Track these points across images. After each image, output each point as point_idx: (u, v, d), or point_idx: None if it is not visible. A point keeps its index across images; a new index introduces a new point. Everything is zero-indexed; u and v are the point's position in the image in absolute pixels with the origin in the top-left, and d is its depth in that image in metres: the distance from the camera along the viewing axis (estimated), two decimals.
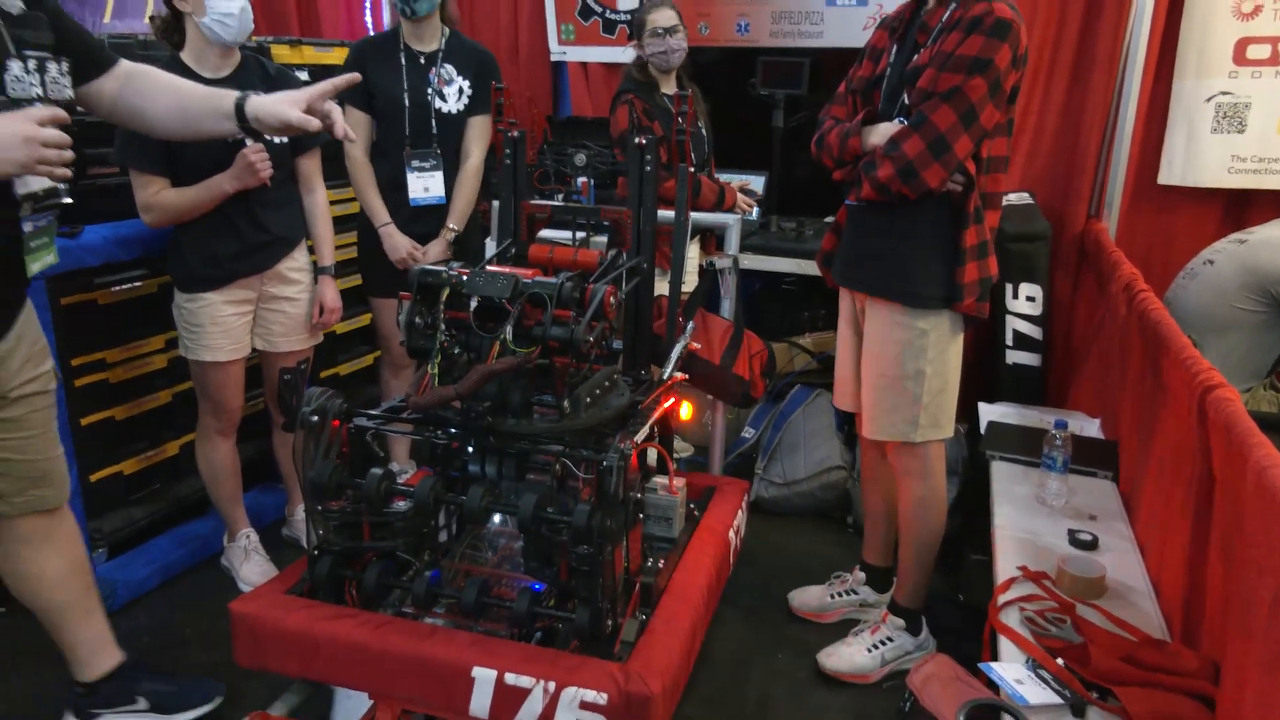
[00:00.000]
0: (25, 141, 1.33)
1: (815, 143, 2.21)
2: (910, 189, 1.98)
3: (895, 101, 2.07)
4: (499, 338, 1.75)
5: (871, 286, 2.17)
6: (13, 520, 1.80)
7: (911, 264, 2.08)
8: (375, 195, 2.72)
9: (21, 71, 1.42)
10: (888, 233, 2.11)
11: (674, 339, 2.31)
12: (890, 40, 2.14)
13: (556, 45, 4.03)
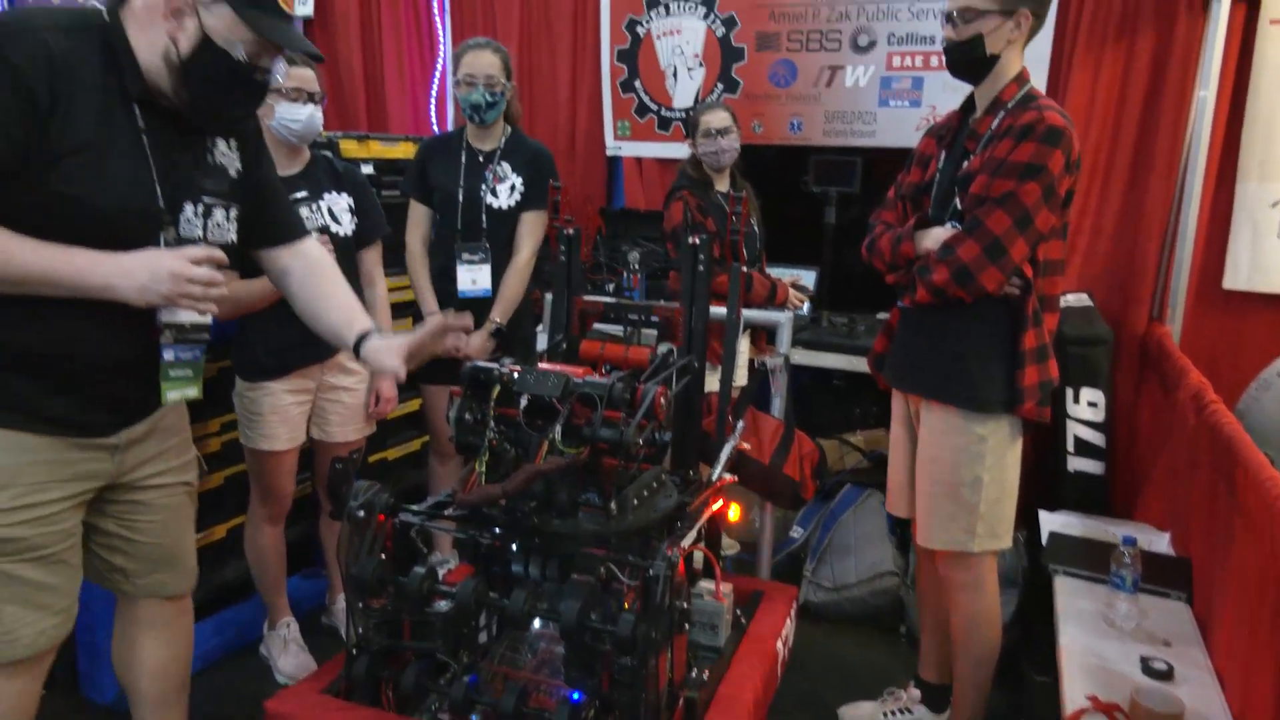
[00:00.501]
0: (172, 276, 1.42)
1: (866, 247, 2.22)
2: (967, 292, 1.97)
3: (946, 206, 2.08)
4: (548, 437, 1.74)
5: (927, 389, 2.13)
6: (134, 601, 1.80)
7: (969, 367, 2.04)
8: (426, 284, 2.79)
9: (192, 214, 1.53)
10: (944, 335, 2.08)
11: (724, 438, 2.27)
12: (938, 147, 2.16)
13: (612, 141, 4.14)
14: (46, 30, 1.36)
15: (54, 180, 1.36)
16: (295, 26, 1.54)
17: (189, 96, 1.46)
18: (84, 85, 1.38)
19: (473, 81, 2.66)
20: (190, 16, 1.42)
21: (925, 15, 3.49)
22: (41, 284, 1.38)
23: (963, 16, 1.98)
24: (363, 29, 4.49)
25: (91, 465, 1.59)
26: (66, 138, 1.36)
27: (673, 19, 3.88)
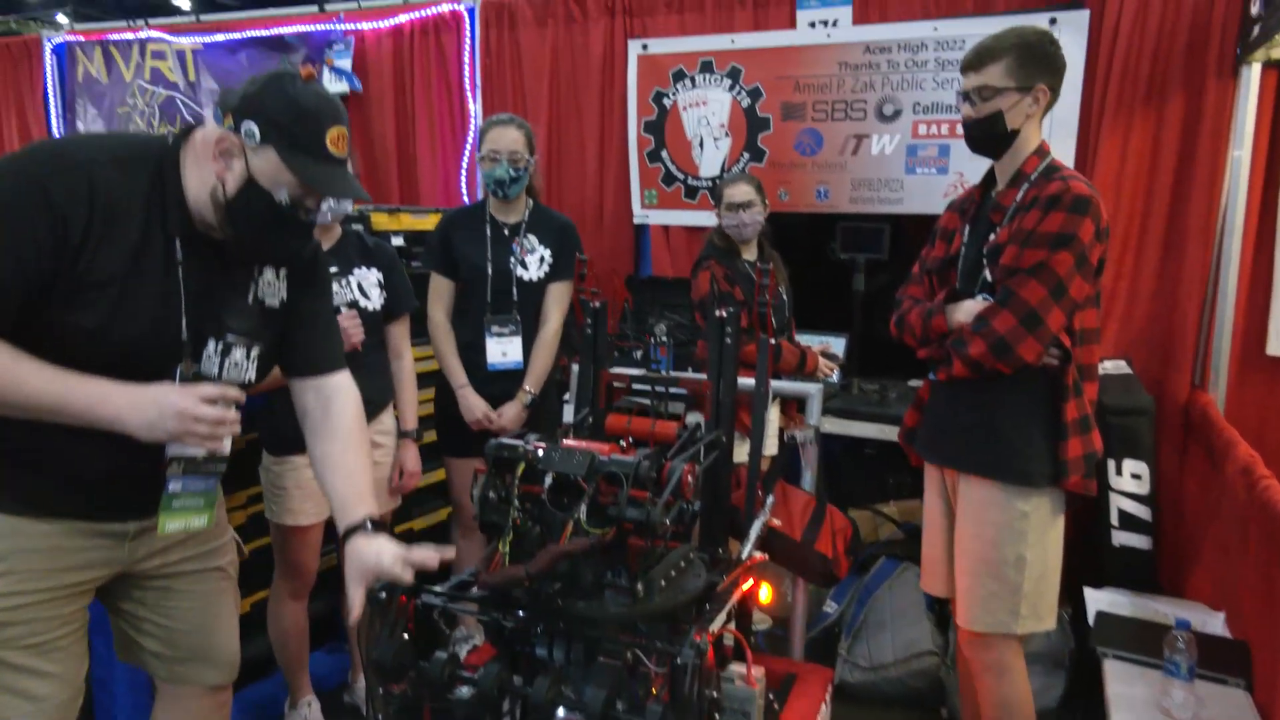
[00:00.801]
0: (179, 415, 1.39)
1: (895, 323, 2.21)
2: (1005, 364, 1.94)
3: (975, 279, 2.07)
4: (573, 517, 1.70)
5: (964, 462, 2.08)
6: (172, 687, 1.74)
7: (1009, 440, 1.99)
8: (454, 357, 2.78)
9: (212, 350, 1.51)
10: (981, 407, 2.04)
11: (753, 514, 2.22)
12: (961, 221, 2.16)
13: (639, 209, 4.18)
14: (96, 164, 1.37)
15: (73, 311, 1.36)
16: (343, 170, 1.50)
17: (233, 234, 1.48)
18: (123, 220, 1.39)
19: (496, 157, 2.70)
20: (238, 158, 1.43)
21: (949, 85, 3.51)
22: (51, 413, 1.37)
23: (981, 95, 1.99)
24: (397, 104, 4.61)
25: (98, 553, 1.55)
26: (93, 272, 1.36)
27: (699, 91, 3.94)
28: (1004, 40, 1.98)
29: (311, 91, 1.44)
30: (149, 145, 1.47)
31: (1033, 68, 1.97)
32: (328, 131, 1.44)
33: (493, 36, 4.34)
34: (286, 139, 1.41)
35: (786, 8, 3.81)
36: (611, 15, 4.08)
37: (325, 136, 1.44)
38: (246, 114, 1.41)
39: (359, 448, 1.71)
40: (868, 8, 3.68)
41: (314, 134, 1.43)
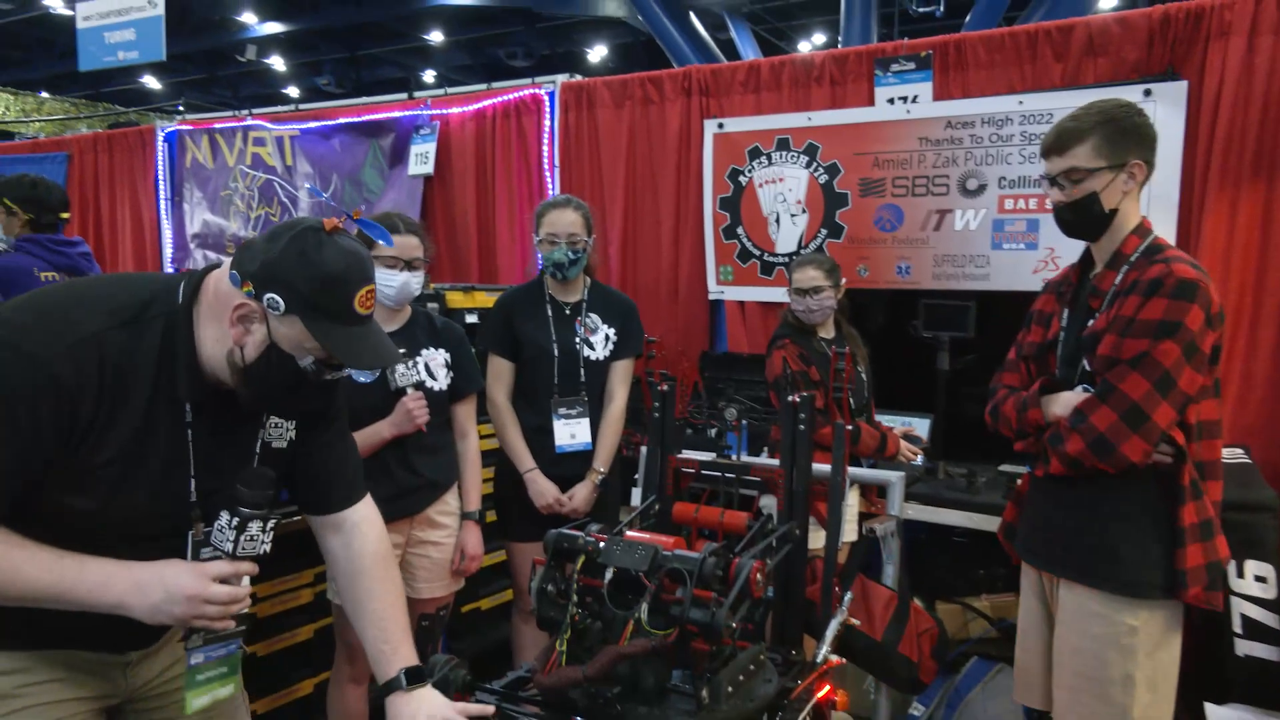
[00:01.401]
0: (189, 600, 1.31)
1: (990, 413, 2.08)
2: (1107, 464, 1.78)
3: (1074, 367, 1.92)
4: (634, 616, 1.61)
5: (1067, 568, 1.90)
6: None
7: (1118, 545, 1.82)
8: (519, 439, 2.74)
9: (225, 523, 1.39)
10: (1085, 507, 1.88)
11: (830, 612, 2.08)
12: (1059, 304, 2.03)
13: (715, 285, 4.14)
14: (106, 332, 1.29)
15: (71, 494, 1.29)
16: (371, 327, 1.41)
17: (249, 395, 1.38)
18: (131, 388, 1.31)
19: (555, 240, 2.69)
20: (259, 324, 1.34)
21: (1037, 159, 3.37)
22: (51, 602, 1.29)
23: (1070, 178, 1.88)
24: (478, 184, 4.73)
25: (99, 680, 1.47)
26: (101, 448, 1.29)
27: (775, 168, 3.91)
28: (1086, 119, 1.87)
29: (338, 251, 1.33)
30: (157, 300, 1.37)
31: (1123, 142, 1.85)
32: (356, 295, 1.35)
33: (571, 118, 4.43)
34: (312, 308, 1.32)
35: (865, 85, 3.78)
36: (688, 96, 4.12)
37: (354, 301, 1.35)
38: (269, 284, 1.31)
39: (386, 587, 1.61)
40: (948, 83, 3.62)
41: (342, 300, 1.34)
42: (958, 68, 3.61)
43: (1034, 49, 3.48)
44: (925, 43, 3.67)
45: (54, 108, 10.03)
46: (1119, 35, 3.31)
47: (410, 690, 1.51)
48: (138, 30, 6.76)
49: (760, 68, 4.01)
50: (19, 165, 6.66)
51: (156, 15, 6.54)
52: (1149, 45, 3.25)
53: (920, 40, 3.71)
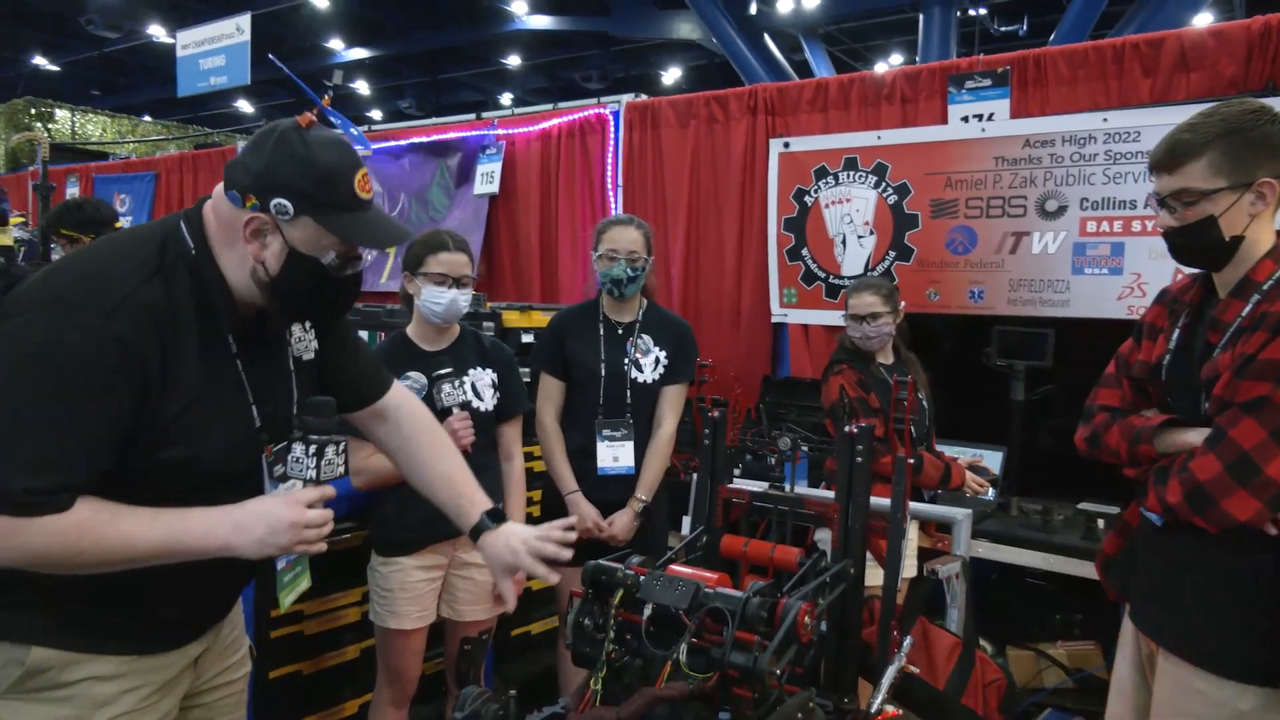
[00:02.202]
0: (291, 528, 1.38)
1: (1087, 439, 1.83)
2: (1207, 520, 1.54)
3: (1185, 397, 1.68)
4: (672, 657, 1.52)
5: (1169, 638, 1.67)
6: None
7: (1227, 618, 1.58)
8: (564, 462, 2.69)
9: (302, 454, 1.47)
10: (1195, 566, 1.63)
11: (887, 657, 1.95)
12: (1170, 323, 1.75)
13: (778, 308, 4.03)
14: (142, 288, 1.30)
15: (162, 445, 1.33)
16: (376, 212, 1.45)
17: (281, 307, 1.43)
18: (186, 337, 1.35)
19: (615, 256, 2.64)
20: (272, 234, 1.36)
21: (1123, 179, 3.20)
22: (161, 558, 1.33)
23: (1181, 200, 1.62)
24: (542, 204, 4.74)
25: (179, 684, 1.52)
26: (177, 398, 1.32)
27: (842, 188, 3.80)
28: (1205, 129, 1.59)
29: (323, 144, 1.36)
30: (168, 245, 1.37)
31: (1249, 157, 1.56)
32: (354, 181, 1.38)
33: (635, 137, 4.40)
34: (318, 203, 1.35)
35: (937, 102, 3.65)
36: (753, 115, 4.05)
37: (354, 187, 1.38)
38: (271, 192, 1.33)
39: (443, 450, 1.72)
40: (1027, 100, 3.47)
41: (343, 189, 1.37)
42: (1037, 84, 3.46)
43: (1120, 64, 3.30)
44: (1002, 58, 3.53)
45: (147, 129, 10.54)
46: (1214, 49, 3.12)
47: (497, 528, 1.65)
48: (227, 56, 7.05)
49: (828, 86, 3.91)
50: (113, 184, 6.99)
51: (243, 41, 6.81)
52: (1247, 59, 3.05)
53: (997, 56, 3.57)
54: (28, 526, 1.21)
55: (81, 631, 1.37)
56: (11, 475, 1.20)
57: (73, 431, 1.23)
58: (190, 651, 1.52)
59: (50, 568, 1.28)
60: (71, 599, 1.35)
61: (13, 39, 15.90)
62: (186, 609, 1.49)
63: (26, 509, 1.20)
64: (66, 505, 1.23)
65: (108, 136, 9.89)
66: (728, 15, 11.23)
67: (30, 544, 1.23)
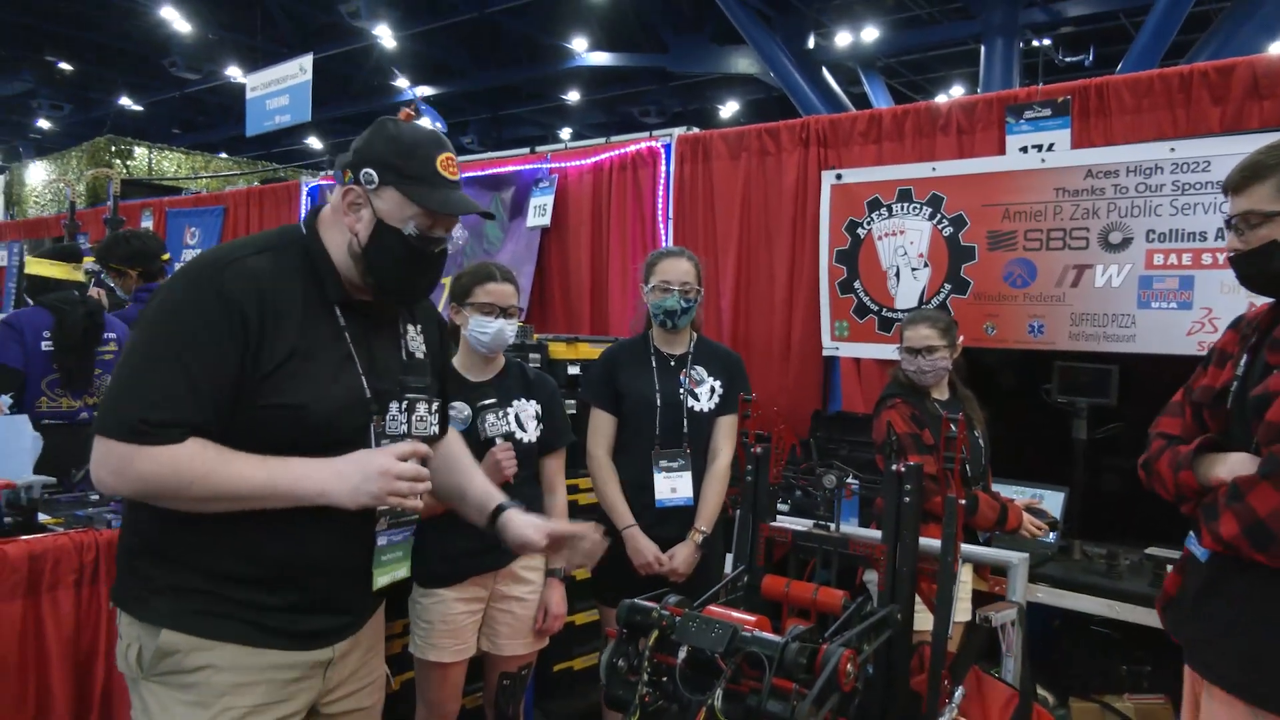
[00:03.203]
0: (381, 475, 1.44)
1: (1143, 465, 1.79)
2: (1269, 556, 1.50)
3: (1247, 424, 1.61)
4: (707, 702, 1.47)
5: (1211, 671, 1.63)
6: None
7: (1275, 652, 1.53)
8: (619, 495, 2.64)
9: (397, 411, 1.58)
10: (1244, 602, 1.59)
11: (937, 709, 1.86)
12: (1241, 347, 1.71)
13: (829, 341, 3.96)
14: (251, 257, 1.49)
15: (268, 393, 1.43)
16: (458, 191, 1.57)
17: (374, 280, 1.53)
18: (289, 300, 1.48)
19: (669, 288, 2.62)
20: (365, 206, 1.51)
21: (1191, 210, 3.08)
22: (262, 499, 1.42)
23: (1247, 222, 1.62)
24: (593, 236, 4.76)
25: (301, 688, 1.54)
26: (277, 351, 1.44)
27: (895, 220, 3.73)
28: (1275, 152, 1.61)
29: (414, 128, 1.54)
30: (286, 233, 1.58)
31: None
32: (437, 158, 1.52)
33: (686, 170, 4.40)
34: (401, 174, 1.49)
35: (995, 133, 3.57)
36: (805, 147, 4.02)
37: (435, 163, 1.51)
38: (361, 164, 1.50)
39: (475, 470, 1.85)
40: (1089, 130, 3.37)
41: (424, 162, 1.51)
42: (1099, 114, 3.36)
43: (1188, 92, 3.19)
44: (1062, 87, 3.44)
45: (218, 165, 10.97)
46: None
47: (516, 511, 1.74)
48: (290, 95, 7.31)
49: (882, 117, 3.87)
50: (184, 218, 7.26)
51: (305, 81, 7.06)
52: None
53: (1057, 85, 3.48)
54: (141, 453, 1.36)
55: (202, 616, 1.45)
56: (132, 408, 1.37)
57: (183, 374, 1.38)
58: (315, 656, 1.55)
59: (162, 497, 1.41)
60: (195, 584, 1.46)
61: (101, 80, 16.77)
62: (303, 596, 1.52)
63: (142, 436, 1.36)
64: (178, 439, 1.37)
65: (182, 172, 10.32)
66: (785, 49, 11.26)
67: (143, 470, 1.37)
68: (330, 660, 1.57)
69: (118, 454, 1.37)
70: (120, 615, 1.53)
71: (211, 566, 1.46)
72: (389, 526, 1.59)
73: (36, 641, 2.15)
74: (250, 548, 1.47)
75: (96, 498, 2.63)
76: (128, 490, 1.41)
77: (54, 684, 2.16)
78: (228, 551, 1.47)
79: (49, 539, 2.20)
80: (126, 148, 10.30)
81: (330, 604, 1.56)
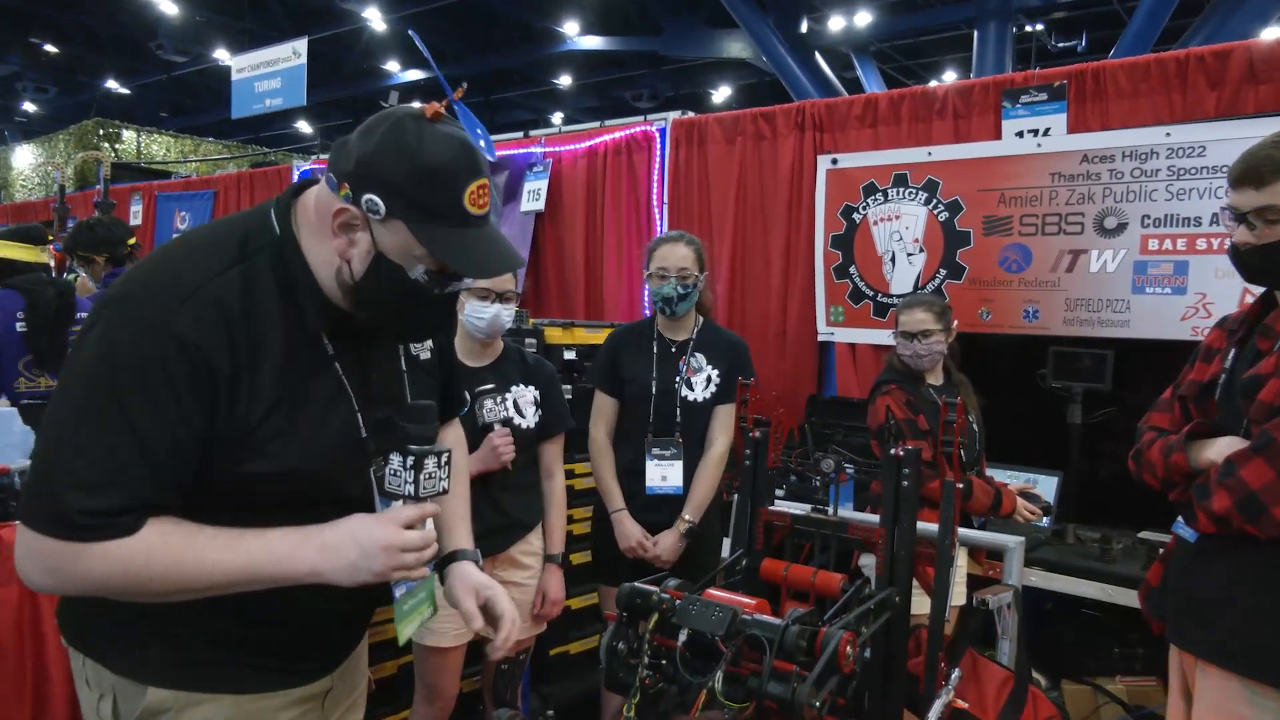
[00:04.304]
0: (385, 550, 1.21)
1: (1133, 457, 1.85)
2: (1259, 528, 1.55)
3: (1235, 412, 1.68)
4: (707, 685, 1.48)
5: (1204, 647, 1.66)
6: None
7: (1267, 622, 1.57)
8: (612, 479, 2.66)
9: (399, 466, 1.27)
10: (1235, 578, 1.63)
11: (934, 690, 1.87)
12: (1228, 341, 1.77)
13: (824, 326, 3.97)
14: (213, 282, 1.17)
15: (246, 458, 1.18)
16: (487, 230, 1.23)
17: (367, 318, 1.26)
18: (265, 337, 1.19)
19: (665, 274, 2.62)
20: (361, 231, 1.18)
21: (1188, 195, 3.08)
22: (244, 585, 1.19)
23: (1263, 218, 1.62)
24: (587, 221, 4.74)
25: None
26: (255, 407, 1.17)
27: (891, 205, 3.73)
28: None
29: (441, 141, 1.16)
30: (252, 232, 1.23)
31: None
32: (465, 191, 1.17)
33: (681, 154, 4.38)
34: (416, 207, 1.16)
35: (991, 117, 3.57)
36: (801, 131, 4.00)
37: (463, 197, 1.17)
38: (366, 184, 1.16)
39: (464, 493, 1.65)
40: (1085, 115, 3.37)
41: (449, 198, 1.16)
42: (1095, 98, 3.35)
43: (1184, 77, 3.19)
44: (1059, 72, 3.43)
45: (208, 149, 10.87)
46: None
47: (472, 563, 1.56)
48: (283, 79, 7.24)
49: (877, 101, 3.85)
50: (174, 202, 7.21)
51: (299, 65, 6.99)
52: None
53: (1053, 69, 3.47)
54: (87, 552, 1.08)
55: (195, 671, 1.26)
56: (65, 492, 1.07)
57: (131, 442, 1.09)
58: (315, 689, 1.39)
59: (119, 596, 1.16)
60: (185, 638, 1.25)
61: (88, 63, 16.59)
62: (305, 647, 1.35)
63: (85, 532, 1.08)
64: (132, 528, 1.10)
65: (171, 156, 10.23)
66: (778, 34, 11.20)
67: (92, 571, 1.10)
68: (329, 690, 1.43)
69: (54, 552, 1.08)
70: (78, 657, 1.28)
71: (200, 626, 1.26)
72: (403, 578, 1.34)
73: (33, 626, 2.14)
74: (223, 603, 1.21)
75: None
76: (71, 592, 1.17)
77: (51, 667, 2.16)
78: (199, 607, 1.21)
79: None
80: (114, 131, 10.20)
81: (322, 647, 1.40)
